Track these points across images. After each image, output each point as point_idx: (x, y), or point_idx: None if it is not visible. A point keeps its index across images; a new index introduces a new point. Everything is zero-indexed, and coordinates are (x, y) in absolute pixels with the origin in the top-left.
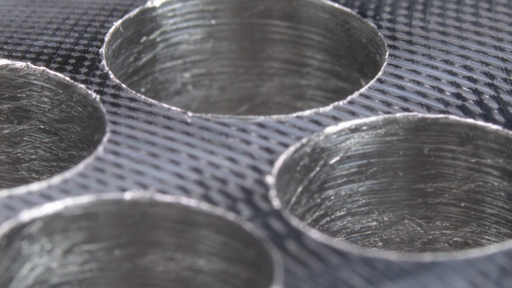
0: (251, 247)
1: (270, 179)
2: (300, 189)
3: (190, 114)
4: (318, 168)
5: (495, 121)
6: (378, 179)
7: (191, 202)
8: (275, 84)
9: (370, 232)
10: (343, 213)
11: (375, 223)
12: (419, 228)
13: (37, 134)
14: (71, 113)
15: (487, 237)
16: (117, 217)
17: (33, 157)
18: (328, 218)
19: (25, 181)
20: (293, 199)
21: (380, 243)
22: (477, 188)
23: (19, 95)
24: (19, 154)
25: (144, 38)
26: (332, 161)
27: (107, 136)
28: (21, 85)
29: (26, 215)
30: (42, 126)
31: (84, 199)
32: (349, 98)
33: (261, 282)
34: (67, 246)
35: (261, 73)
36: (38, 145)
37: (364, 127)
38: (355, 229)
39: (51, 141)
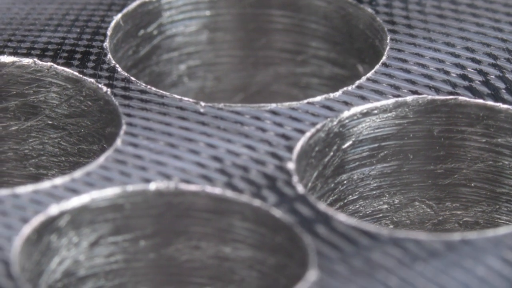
0: (279, 232)
1: (291, 165)
2: (315, 174)
3: (202, 104)
4: (331, 153)
5: (504, 101)
6: (389, 162)
7: (216, 191)
8: (270, 73)
9: (381, 215)
10: (355, 197)
11: (386, 206)
12: (429, 210)
13: (45, 130)
14: (81, 108)
15: (497, 215)
16: (142, 208)
17: (41, 152)
18: (341, 203)
19: (32, 177)
20: (309, 184)
21: (391, 226)
22: (487, 167)
23: (26, 92)
24: (26, 151)
25: (142, 31)
26: (345, 145)
27: (123, 129)
28: (28, 81)
29: (54, 209)
30: (50, 122)
31: (110, 191)
32: (357, 83)
33: (290, 266)
34: (94, 239)
35: (255, 63)
36: (46, 141)
37: (375, 111)
38: (367, 212)
39: (60, 136)
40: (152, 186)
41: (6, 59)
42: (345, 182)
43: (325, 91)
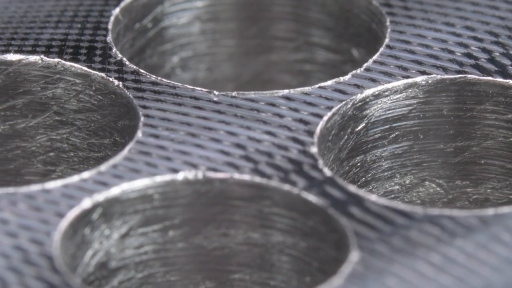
0: (310, 216)
1: (314, 149)
2: (331, 157)
3: (216, 92)
4: (346, 136)
5: None
6: (399, 143)
7: (245, 177)
8: (261, 62)
9: (393, 196)
10: (368, 179)
11: (397, 187)
12: (439, 189)
13: (53, 126)
14: (90, 102)
15: (508, 191)
16: (171, 198)
17: (49, 149)
18: (355, 185)
19: (40, 174)
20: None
21: None
22: (497, 144)
23: (33, 89)
24: (34, 148)
25: (138, 25)
26: (358, 128)
27: (141, 120)
28: (36, 78)
29: (87, 202)
30: (58, 118)
31: (139, 182)
32: (365, 65)
33: (323, 249)
34: (124, 230)
35: (247, 52)
36: (54, 137)
37: (387, 93)
38: (379, 194)
39: (68, 131)
40: (181, 175)
41: (13, 57)
42: (358, 164)
43: (319, 77)
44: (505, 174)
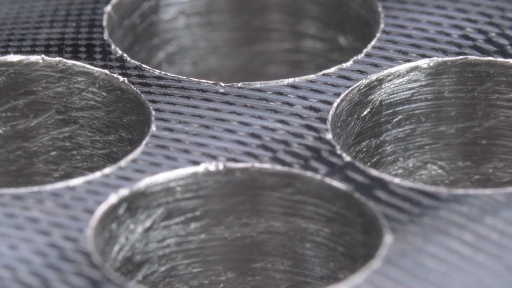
0: (334, 201)
1: (329, 135)
2: (340, 143)
3: (222, 84)
4: (352, 122)
5: None
6: (402, 126)
7: (266, 166)
8: (245, 53)
9: None
10: (373, 163)
11: (401, 170)
12: (441, 171)
13: (54, 125)
14: (94, 99)
15: (510, 170)
16: (193, 190)
17: (50, 148)
18: None
19: (41, 173)
20: None
21: None
22: (498, 123)
23: (34, 89)
24: (35, 148)
25: (127, 21)
26: (364, 113)
27: (153, 115)
28: (37, 78)
29: (114, 198)
30: (60, 117)
31: (161, 176)
32: (364, 51)
33: (349, 234)
34: (148, 224)
35: (231, 44)
36: (57, 136)
37: (390, 77)
38: None
39: (71, 130)
40: (202, 167)
41: (14, 58)
42: (364, 149)
43: (304, 67)
44: (507, 153)
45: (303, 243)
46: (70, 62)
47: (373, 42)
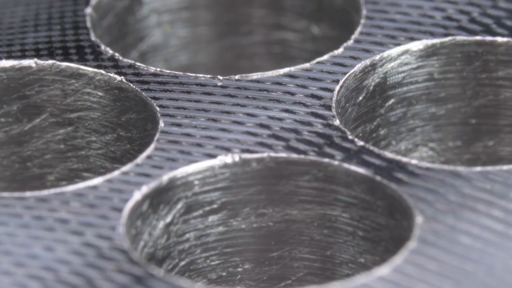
0: (354, 186)
1: (337, 122)
2: None
3: (220, 77)
4: (350, 109)
5: (499, 35)
6: (395, 110)
7: (282, 155)
8: (215, 48)
9: None
10: None
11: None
12: (431, 152)
13: (49, 128)
14: (89, 100)
15: (500, 148)
16: (210, 183)
17: (45, 151)
18: None
19: (36, 177)
20: None
21: None
22: (488, 102)
23: (28, 93)
24: (29, 152)
25: (104, 22)
26: (359, 99)
27: (158, 111)
28: (30, 82)
29: (138, 195)
30: (54, 119)
31: (181, 170)
32: (353, 37)
33: (370, 217)
34: (169, 219)
35: (200, 40)
36: (51, 139)
37: (383, 61)
38: None
39: (65, 132)
40: (219, 159)
41: (6, 63)
42: (360, 135)
43: (275, 59)
44: (497, 131)
45: (321, 230)
46: (64, 64)
47: (359, 28)
